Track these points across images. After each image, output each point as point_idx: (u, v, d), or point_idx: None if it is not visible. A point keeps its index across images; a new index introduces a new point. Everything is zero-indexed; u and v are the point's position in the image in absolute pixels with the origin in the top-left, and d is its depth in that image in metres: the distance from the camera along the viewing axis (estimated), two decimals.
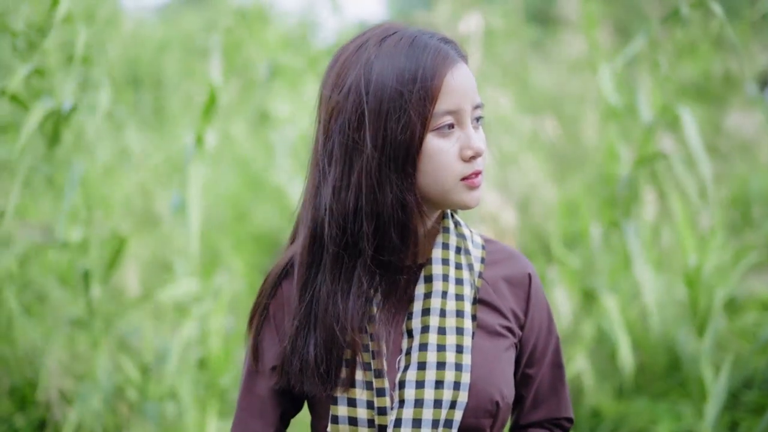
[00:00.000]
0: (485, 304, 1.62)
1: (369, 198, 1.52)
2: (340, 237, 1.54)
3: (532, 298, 1.66)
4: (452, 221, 1.64)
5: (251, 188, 4.40)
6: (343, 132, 1.54)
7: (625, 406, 3.55)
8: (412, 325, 1.56)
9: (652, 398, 3.61)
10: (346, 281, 1.55)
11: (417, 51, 1.51)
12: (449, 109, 1.50)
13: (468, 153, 1.51)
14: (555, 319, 1.72)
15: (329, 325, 1.53)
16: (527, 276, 1.67)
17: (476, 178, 1.54)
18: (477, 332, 1.59)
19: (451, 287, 1.58)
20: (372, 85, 1.51)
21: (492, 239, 1.72)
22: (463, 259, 1.62)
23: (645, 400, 3.58)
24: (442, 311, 1.56)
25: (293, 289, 1.59)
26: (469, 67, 1.58)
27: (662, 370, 3.72)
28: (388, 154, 1.50)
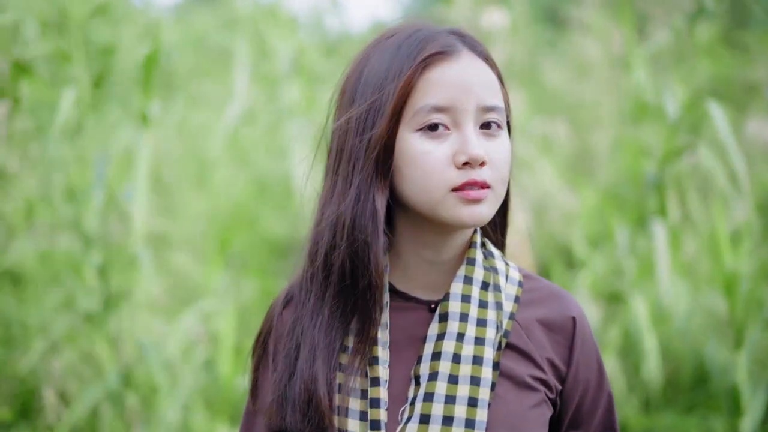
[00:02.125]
0: (514, 349, 1.39)
1: (339, 208, 1.34)
2: (323, 262, 1.36)
3: (576, 346, 1.41)
4: (481, 252, 1.42)
5: (262, 192, 4.29)
6: (336, 136, 1.39)
7: (653, 420, 3.41)
8: (420, 371, 1.35)
9: (680, 412, 3.48)
10: (323, 320, 1.36)
11: (410, 42, 1.34)
12: (437, 105, 1.31)
13: (460, 158, 1.30)
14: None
15: (303, 388, 1.34)
16: (570, 320, 1.42)
17: (472, 191, 1.31)
18: (500, 383, 1.36)
19: (470, 329, 1.36)
20: (361, 83, 1.36)
21: (534, 275, 1.48)
22: (490, 296, 1.39)
23: (673, 413, 3.45)
24: (456, 356, 1.34)
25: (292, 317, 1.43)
26: (491, 65, 1.38)
27: (689, 382, 3.59)
28: (365, 155, 1.32)
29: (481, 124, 1.34)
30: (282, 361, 1.39)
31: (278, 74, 3.64)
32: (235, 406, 3.48)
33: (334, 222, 1.35)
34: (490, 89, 1.35)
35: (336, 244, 1.35)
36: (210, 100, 4.60)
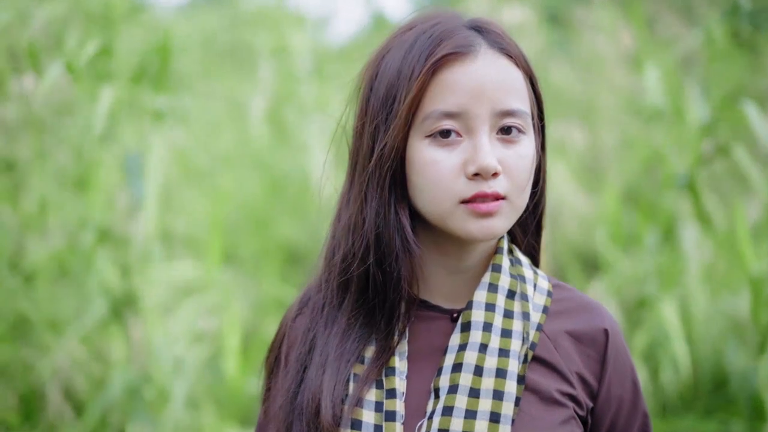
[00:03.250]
0: (542, 363, 1.30)
1: (357, 216, 1.28)
2: (340, 271, 1.31)
3: (609, 360, 1.32)
4: (508, 258, 1.34)
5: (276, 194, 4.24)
6: (353, 137, 1.33)
7: (671, 425, 3.36)
8: (440, 383, 1.27)
9: (699, 416, 3.43)
10: (338, 330, 1.30)
11: (424, 39, 1.26)
12: (448, 111, 1.23)
13: (470, 169, 1.23)
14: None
15: (311, 398, 1.28)
16: (602, 333, 1.33)
17: (483, 204, 1.23)
18: (525, 397, 1.27)
19: (493, 339, 1.28)
20: (377, 81, 1.29)
21: (565, 285, 1.40)
22: (516, 305, 1.31)
23: (692, 418, 3.40)
24: (478, 368, 1.26)
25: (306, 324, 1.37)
26: (517, 62, 1.28)
27: (708, 386, 3.54)
28: (379, 163, 1.26)
29: (499, 129, 1.26)
30: (292, 369, 1.33)
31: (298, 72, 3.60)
32: (243, 407, 3.45)
33: (351, 231, 1.30)
34: (509, 91, 1.26)
35: (355, 254, 1.29)
36: (218, 99, 4.55)
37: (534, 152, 1.30)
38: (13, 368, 3.20)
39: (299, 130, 3.72)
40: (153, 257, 2.96)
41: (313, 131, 3.46)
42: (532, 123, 1.30)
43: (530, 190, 1.31)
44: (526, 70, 1.30)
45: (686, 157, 3.21)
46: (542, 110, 1.34)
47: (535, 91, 1.32)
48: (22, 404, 3.27)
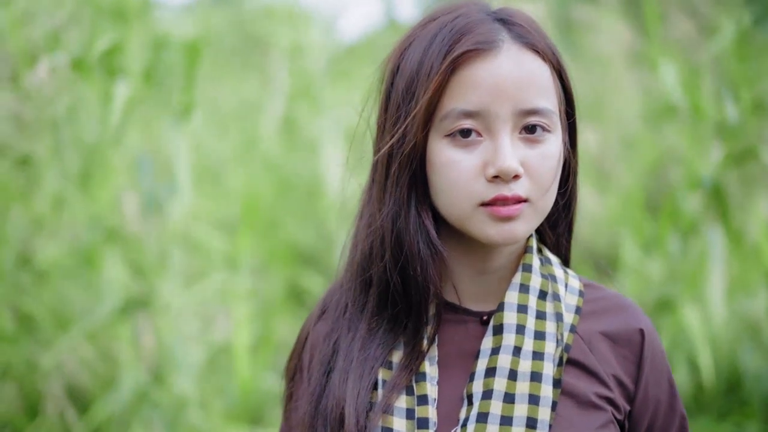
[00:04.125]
0: (577, 365, 1.26)
1: (376, 216, 1.24)
2: (362, 274, 1.27)
3: (645, 361, 1.28)
4: (538, 257, 1.30)
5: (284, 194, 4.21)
6: (376, 133, 1.29)
7: None
8: (473, 389, 1.23)
9: (712, 418, 3.40)
10: (361, 335, 1.26)
11: (445, 33, 1.21)
12: (467, 110, 1.18)
13: (490, 171, 1.18)
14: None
15: (335, 404, 1.24)
16: (638, 333, 1.29)
17: (503, 207, 1.19)
18: (562, 402, 1.23)
19: (527, 342, 1.24)
20: (397, 76, 1.24)
21: (595, 284, 1.36)
22: (548, 306, 1.27)
23: (705, 420, 3.37)
24: (512, 372, 1.22)
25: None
26: (544, 56, 1.23)
27: (723, 388, 3.51)
28: (398, 163, 1.22)
29: (522, 128, 1.21)
30: (315, 375, 1.30)
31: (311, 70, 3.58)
32: (253, 408, 3.42)
33: (370, 231, 1.26)
34: (533, 89, 1.20)
35: (377, 256, 1.25)
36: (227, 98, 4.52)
37: (560, 151, 1.25)
38: (19, 366, 3.17)
39: (312, 128, 3.69)
40: (172, 258, 2.92)
41: (326, 130, 3.43)
42: (559, 120, 1.24)
43: (556, 190, 1.26)
44: (554, 63, 1.25)
45: (704, 158, 3.18)
46: (572, 105, 1.28)
47: (564, 85, 1.27)
48: (26, 403, 3.24)
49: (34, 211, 2.94)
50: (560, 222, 1.35)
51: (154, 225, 3.01)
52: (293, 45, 3.79)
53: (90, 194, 2.94)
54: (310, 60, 3.69)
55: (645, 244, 3.29)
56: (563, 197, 1.31)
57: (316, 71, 3.57)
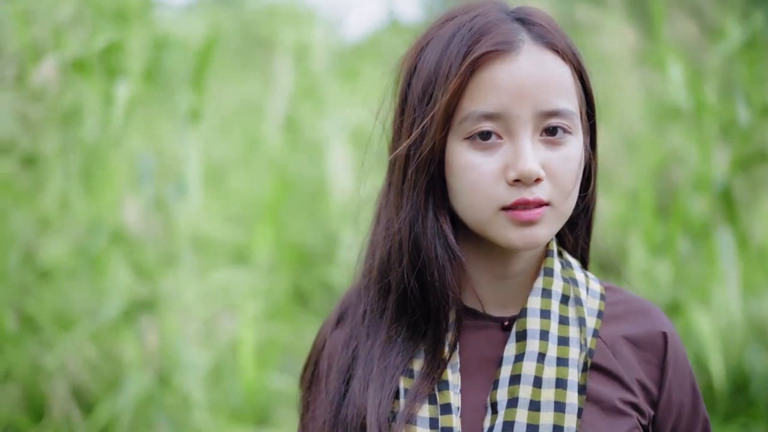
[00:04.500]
0: (601, 371, 1.24)
1: (394, 220, 1.21)
2: (380, 280, 1.24)
3: (669, 365, 1.25)
4: (558, 261, 1.28)
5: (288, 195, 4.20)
6: (392, 135, 1.26)
7: None
8: (497, 397, 1.20)
9: (719, 420, 3.39)
10: (380, 343, 1.23)
11: (463, 33, 1.19)
12: (487, 113, 1.16)
13: (510, 175, 1.16)
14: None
15: (356, 413, 1.22)
16: (661, 336, 1.26)
17: (524, 212, 1.16)
18: (587, 408, 1.21)
19: (551, 348, 1.21)
20: (414, 77, 1.22)
21: (616, 287, 1.33)
22: (571, 311, 1.24)
23: (712, 421, 3.36)
24: (537, 379, 1.20)
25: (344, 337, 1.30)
26: (564, 57, 1.20)
27: (729, 388, 3.50)
28: (415, 167, 1.19)
29: (543, 130, 1.18)
30: (334, 382, 1.27)
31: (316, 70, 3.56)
32: (259, 409, 3.41)
33: (387, 235, 1.23)
34: (554, 90, 1.18)
35: (395, 262, 1.22)
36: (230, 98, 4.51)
37: (581, 153, 1.22)
38: (23, 368, 3.16)
39: (316, 128, 3.68)
40: (181, 259, 2.91)
41: (331, 129, 3.42)
42: (579, 122, 1.22)
43: (577, 193, 1.23)
44: (574, 64, 1.22)
45: (709, 160, 3.17)
46: (592, 106, 1.26)
47: (584, 86, 1.24)
48: (30, 405, 3.23)
49: (39, 211, 2.92)
50: (579, 224, 1.32)
51: (160, 225, 2.99)
52: (297, 44, 3.77)
53: (94, 195, 2.92)
54: (314, 59, 3.68)
55: (653, 247, 3.27)
56: (583, 200, 1.28)
57: (321, 71, 3.55)
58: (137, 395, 3.00)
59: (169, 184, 2.97)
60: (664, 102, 3.68)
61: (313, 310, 3.99)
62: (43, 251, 3.00)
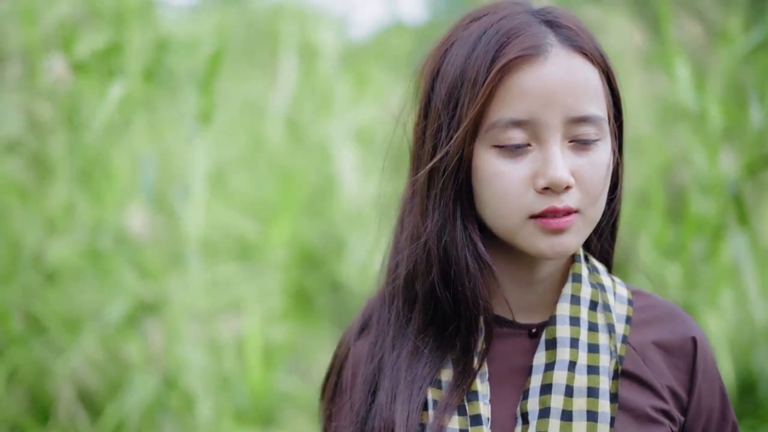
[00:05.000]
0: (631, 378, 1.22)
1: (420, 228, 1.19)
2: (405, 289, 1.22)
3: (698, 371, 1.24)
4: (586, 266, 1.26)
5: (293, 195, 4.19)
6: (413, 139, 1.24)
7: None
8: (528, 407, 1.18)
9: None
10: (407, 354, 1.21)
11: (490, 35, 1.16)
12: (516, 119, 1.13)
13: (540, 182, 1.14)
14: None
15: (383, 426, 1.19)
16: (691, 341, 1.25)
17: (554, 219, 1.14)
18: (619, 417, 1.19)
19: (581, 356, 1.19)
20: (439, 79, 1.19)
21: (643, 291, 1.31)
22: (600, 317, 1.23)
23: None
24: (569, 389, 1.18)
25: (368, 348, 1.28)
26: (593, 60, 1.17)
27: (736, 391, 3.49)
28: (441, 173, 1.17)
29: (572, 137, 1.16)
30: (359, 394, 1.25)
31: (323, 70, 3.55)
32: (265, 411, 3.40)
33: (414, 244, 1.21)
34: (583, 95, 1.15)
35: (423, 272, 1.20)
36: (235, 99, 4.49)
37: (610, 158, 1.19)
38: (29, 369, 3.15)
39: (322, 128, 3.66)
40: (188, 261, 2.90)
41: (338, 129, 3.40)
42: (608, 126, 1.19)
43: (605, 198, 1.21)
44: (602, 66, 1.20)
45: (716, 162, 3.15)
46: (620, 109, 1.24)
47: (612, 88, 1.22)
48: (36, 407, 3.21)
49: (45, 212, 2.91)
50: (604, 228, 1.30)
51: (165, 227, 2.98)
52: (303, 44, 3.76)
53: (99, 196, 2.91)
54: (320, 59, 3.66)
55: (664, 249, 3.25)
56: (609, 204, 1.26)
57: (327, 70, 3.54)
58: (143, 397, 2.99)
59: (174, 186, 2.95)
60: (670, 103, 3.66)
61: (319, 311, 3.98)
62: (49, 252, 2.98)
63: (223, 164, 4.15)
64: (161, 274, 3.01)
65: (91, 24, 3.14)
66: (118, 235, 2.93)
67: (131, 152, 3.00)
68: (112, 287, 3.03)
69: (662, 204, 3.21)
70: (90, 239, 2.93)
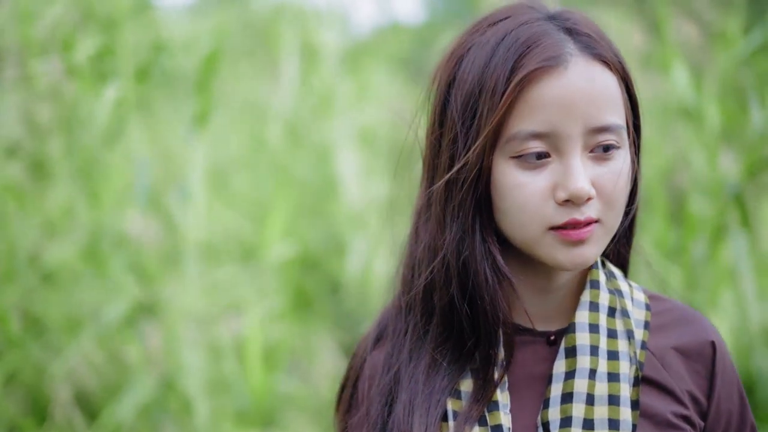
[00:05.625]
0: (651, 384, 1.21)
1: (437, 239, 1.18)
2: (422, 301, 1.21)
3: (717, 375, 1.23)
4: (603, 272, 1.25)
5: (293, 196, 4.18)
6: (428, 146, 1.21)
7: None
8: (549, 416, 1.17)
9: None
10: (424, 366, 1.20)
11: (509, 43, 1.13)
12: (536, 131, 1.11)
13: (561, 195, 1.12)
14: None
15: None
16: (710, 345, 1.24)
17: (574, 231, 1.13)
18: (640, 423, 1.18)
19: (601, 363, 1.18)
20: (455, 86, 1.16)
21: (660, 296, 1.30)
22: (618, 324, 1.22)
23: None
24: (590, 397, 1.17)
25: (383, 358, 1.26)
26: (611, 67, 1.15)
27: None
28: (460, 185, 1.15)
29: (593, 146, 1.14)
30: (375, 405, 1.24)
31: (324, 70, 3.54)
32: (265, 413, 3.39)
33: (431, 255, 1.20)
34: (603, 104, 1.13)
35: (441, 284, 1.19)
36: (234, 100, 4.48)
37: (629, 166, 1.18)
38: (27, 371, 3.14)
39: (323, 128, 3.65)
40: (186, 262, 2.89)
41: (339, 130, 3.40)
42: (626, 134, 1.18)
43: (624, 206, 1.20)
44: (621, 73, 1.18)
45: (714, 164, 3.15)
46: (638, 114, 1.22)
47: (630, 93, 1.20)
48: (34, 408, 3.21)
49: (44, 214, 2.90)
50: (620, 234, 1.29)
51: (162, 229, 2.98)
52: (303, 43, 3.75)
53: (98, 198, 2.90)
54: (321, 59, 3.66)
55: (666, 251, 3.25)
56: (627, 210, 1.25)
57: (328, 70, 3.53)
58: (141, 399, 2.98)
59: (173, 188, 2.94)
60: (669, 105, 3.66)
61: (319, 313, 3.97)
62: (47, 254, 2.97)
63: (222, 165, 4.15)
64: (160, 275, 3.00)
65: (88, 25, 3.12)
66: (117, 237, 2.92)
67: (129, 154, 2.99)
68: (111, 289, 3.02)
69: (663, 206, 3.20)
70: (88, 241, 2.92)
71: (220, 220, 3.87)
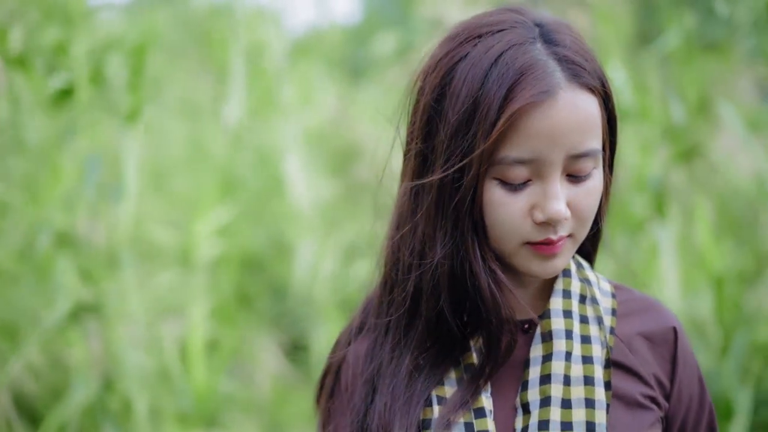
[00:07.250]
0: (620, 367, 1.28)
1: (426, 249, 1.22)
2: (410, 304, 1.25)
3: (679, 359, 1.30)
4: (573, 262, 1.32)
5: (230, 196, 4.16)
6: (415, 157, 1.24)
7: None
8: (528, 398, 1.23)
9: None
10: (406, 363, 1.25)
11: (501, 68, 1.16)
12: (520, 158, 1.16)
13: (538, 216, 1.18)
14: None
15: (380, 424, 1.23)
16: (671, 331, 1.31)
17: (548, 246, 1.20)
18: (613, 404, 1.25)
19: (576, 347, 1.25)
20: (444, 106, 1.20)
21: (623, 286, 1.37)
22: (589, 310, 1.29)
23: None
24: (566, 378, 1.23)
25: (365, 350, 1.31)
26: (594, 91, 1.19)
27: None
28: (447, 196, 1.20)
29: (570, 170, 1.19)
30: (358, 394, 1.29)
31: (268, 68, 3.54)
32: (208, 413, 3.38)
33: (423, 269, 1.24)
34: (586, 131, 1.18)
35: (430, 294, 1.24)
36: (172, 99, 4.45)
37: (602, 181, 1.24)
38: None
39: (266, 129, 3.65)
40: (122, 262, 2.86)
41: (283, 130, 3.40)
42: (602, 154, 1.23)
43: (593, 218, 1.25)
44: (602, 94, 1.22)
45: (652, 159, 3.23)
46: (614, 127, 1.26)
47: (609, 110, 1.23)
48: None
49: None
50: (588, 234, 1.33)
51: (104, 228, 2.95)
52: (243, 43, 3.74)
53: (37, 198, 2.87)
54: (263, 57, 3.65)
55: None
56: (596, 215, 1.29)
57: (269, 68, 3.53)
58: (83, 401, 2.95)
59: (109, 186, 2.92)
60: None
61: (261, 315, 3.97)
62: None
63: (160, 165, 4.11)
64: (100, 276, 2.98)
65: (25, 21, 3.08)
66: (59, 236, 2.89)
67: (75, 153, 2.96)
68: (51, 290, 2.98)
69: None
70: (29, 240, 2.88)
71: (157, 220, 3.84)
